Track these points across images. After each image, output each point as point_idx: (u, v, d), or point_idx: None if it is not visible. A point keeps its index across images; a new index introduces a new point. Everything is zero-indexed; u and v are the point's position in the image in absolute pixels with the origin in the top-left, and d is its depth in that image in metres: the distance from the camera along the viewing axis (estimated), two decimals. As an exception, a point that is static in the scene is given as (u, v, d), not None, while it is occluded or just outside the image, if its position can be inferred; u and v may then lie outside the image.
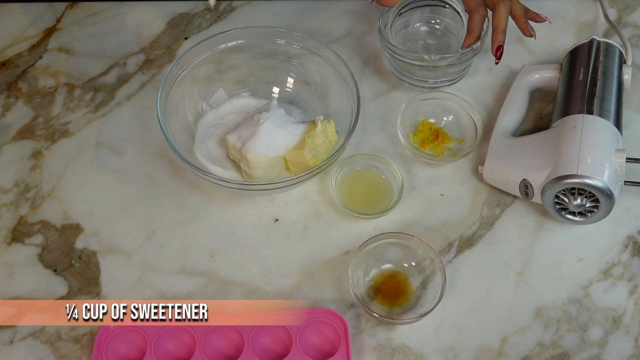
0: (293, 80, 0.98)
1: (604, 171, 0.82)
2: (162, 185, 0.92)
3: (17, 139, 0.96)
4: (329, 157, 0.86)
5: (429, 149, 0.93)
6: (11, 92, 1.00)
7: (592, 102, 0.88)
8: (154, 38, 1.06)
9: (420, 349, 0.81)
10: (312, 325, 0.80)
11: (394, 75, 1.00)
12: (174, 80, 0.92)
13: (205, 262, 0.87)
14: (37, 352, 0.80)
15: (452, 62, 0.94)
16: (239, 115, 0.95)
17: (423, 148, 0.93)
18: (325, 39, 1.03)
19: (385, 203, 0.90)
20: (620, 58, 0.95)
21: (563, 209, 0.86)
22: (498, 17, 0.91)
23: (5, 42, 1.06)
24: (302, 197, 0.92)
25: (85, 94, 1.00)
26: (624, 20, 1.08)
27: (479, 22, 0.93)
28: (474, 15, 0.93)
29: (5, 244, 0.88)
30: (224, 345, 0.80)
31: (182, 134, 0.92)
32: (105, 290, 0.84)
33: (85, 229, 0.89)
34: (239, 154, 0.88)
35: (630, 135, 0.93)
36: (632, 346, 0.81)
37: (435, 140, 0.94)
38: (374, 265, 0.85)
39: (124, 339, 0.80)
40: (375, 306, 0.83)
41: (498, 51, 0.91)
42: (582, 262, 0.87)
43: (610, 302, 0.84)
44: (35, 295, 0.84)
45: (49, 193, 0.92)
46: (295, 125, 0.90)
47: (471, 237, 0.89)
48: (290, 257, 0.87)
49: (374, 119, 0.98)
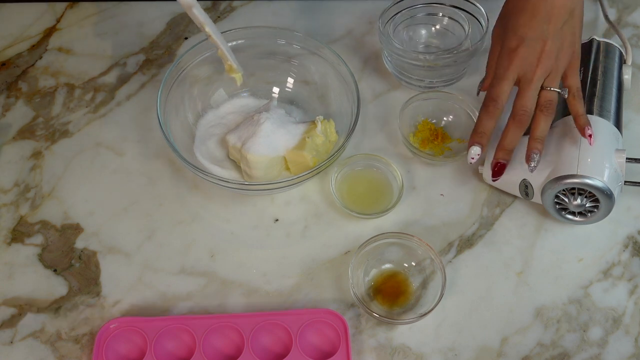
0: (293, 80, 0.98)
1: (604, 171, 0.82)
2: (162, 185, 0.92)
3: (17, 139, 0.96)
4: (329, 157, 0.86)
5: (429, 149, 0.93)
6: (11, 92, 1.00)
7: (592, 102, 0.88)
8: (154, 38, 1.06)
9: (420, 349, 0.81)
10: (312, 325, 0.80)
11: (394, 75, 1.00)
12: (174, 80, 0.92)
13: (205, 262, 0.87)
14: (37, 352, 0.80)
15: (448, 62, 0.94)
16: (239, 115, 0.95)
17: (423, 148, 0.93)
18: (325, 39, 1.03)
19: (385, 203, 0.90)
20: (620, 58, 0.95)
21: (563, 209, 0.86)
22: (534, 126, 0.81)
23: (5, 42, 1.06)
24: (302, 197, 0.92)
25: (85, 94, 1.00)
26: (624, 20, 1.08)
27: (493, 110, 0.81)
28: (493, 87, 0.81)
29: (5, 244, 0.88)
30: (224, 345, 0.80)
31: (182, 134, 0.92)
32: (105, 290, 0.84)
33: (85, 229, 0.89)
34: (239, 154, 0.88)
35: (630, 135, 0.93)
36: (632, 346, 0.81)
37: (435, 140, 0.94)
38: (374, 265, 0.85)
39: (124, 339, 0.80)
40: (375, 306, 0.83)
41: (496, 167, 0.83)
42: (582, 262, 0.87)
43: (610, 302, 0.84)
44: (35, 295, 0.84)
45: (49, 193, 0.92)
46: (295, 125, 0.90)
47: (471, 237, 0.89)
48: (290, 257, 0.87)
49: (374, 119, 0.98)
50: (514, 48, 0.81)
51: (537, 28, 0.80)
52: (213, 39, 0.84)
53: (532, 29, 0.80)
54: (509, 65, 0.80)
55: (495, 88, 0.81)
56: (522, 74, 0.81)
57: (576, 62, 0.83)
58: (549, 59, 0.80)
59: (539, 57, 0.80)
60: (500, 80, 0.81)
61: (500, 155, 0.83)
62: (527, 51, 0.80)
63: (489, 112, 0.82)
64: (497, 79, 0.81)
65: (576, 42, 0.82)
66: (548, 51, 0.80)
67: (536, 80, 0.80)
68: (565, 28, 0.81)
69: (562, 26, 0.80)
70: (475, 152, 0.83)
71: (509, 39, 0.81)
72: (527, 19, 0.80)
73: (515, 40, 0.81)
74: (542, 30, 0.80)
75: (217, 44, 0.85)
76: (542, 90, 0.82)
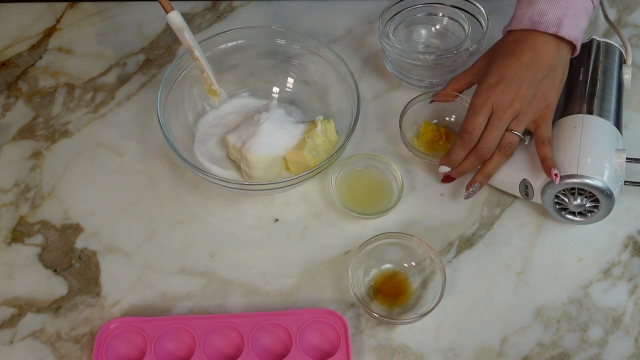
0: (293, 80, 0.98)
1: (604, 171, 0.82)
2: (162, 185, 0.92)
3: (17, 139, 0.96)
4: (329, 157, 0.86)
5: (434, 152, 0.93)
6: (11, 92, 1.00)
7: (592, 102, 0.88)
8: (154, 38, 1.06)
9: (420, 349, 0.81)
10: (312, 325, 0.80)
11: (394, 75, 1.00)
12: (174, 80, 0.92)
13: (205, 262, 0.87)
14: (37, 352, 0.80)
15: (448, 62, 0.94)
16: (239, 115, 0.95)
17: (429, 152, 0.93)
18: (325, 39, 1.03)
19: (385, 203, 0.90)
20: (620, 58, 0.95)
21: (563, 209, 0.86)
22: (489, 164, 0.87)
23: (5, 42, 1.06)
24: (302, 197, 0.92)
25: (85, 94, 1.00)
26: (624, 20, 1.08)
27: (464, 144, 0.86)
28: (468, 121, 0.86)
29: (5, 244, 0.88)
30: (224, 345, 0.80)
31: (182, 134, 0.92)
32: (105, 290, 0.84)
33: (85, 229, 0.89)
34: (239, 154, 0.88)
35: (630, 135, 0.93)
36: (632, 346, 0.81)
37: (440, 141, 0.94)
38: (374, 265, 0.85)
39: (124, 339, 0.80)
40: (375, 306, 0.83)
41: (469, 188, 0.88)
42: (582, 262, 0.87)
43: (610, 302, 0.84)
44: (35, 295, 0.84)
45: (49, 193, 0.92)
46: (295, 125, 0.90)
47: (471, 237, 0.89)
48: (290, 257, 0.87)
49: (374, 119, 0.98)
50: (493, 84, 0.85)
51: (518, 72, 0.85)
52: (200, 62, 0.89)
53: (514, 72, 0.85)
54: (486, 100, 0.85)
55: (471, 121, 0.85)
56: (495, 110, 0.85)
57: (549, 115, 0.86)
58: (521, 103, 0.84)
59: (513, 99, 0.84)
60: (477, 114, 0.85)
61: (454, 173, 0.89)
62: (504, 90, 0.84)
63: (464, 142, 0.86)
64: (474, 112, 0.85)
65: (551, 97, 0.86)
66: (522, 96, 0.84)
67: (506, 119, 0.85)
68: (544, 81, 0.85)
69: (541, 78, 0.85)
70: (443, 170, 0.89)
71: (492, 75, 0.86)
72: (512, 62, 0.85)
73: (496, 77, 0.85)
74: (522, 76, 0.85)
75: (203, 67, 0.90)
76: (507, 132, 0.86)
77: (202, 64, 0.89)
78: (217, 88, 0.92)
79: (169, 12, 0.88)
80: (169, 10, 0.88)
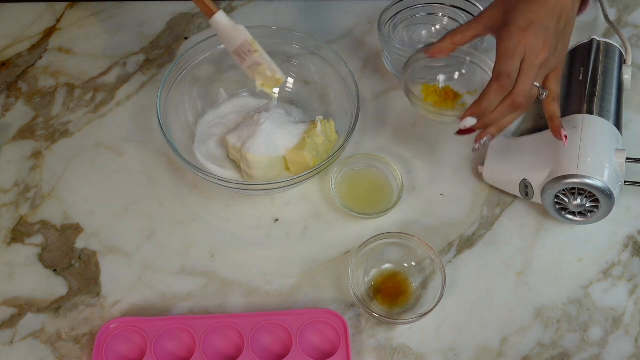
0: (293, 80, 0.98)
1: (604, 171, 0.82)
2: (162, 185, 0.92)
3: (17, 139, 0.96)
4: (329, 157, 0.86)
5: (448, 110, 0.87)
6: (11, 92, 1.00)
7: (592, 102, 0.88)
8: (154, 38, 1.06)
9: (420, 349, 0.81)
10: (312, 325, 0.80)
11: (394, 75, 1.00)
12: (174, 80, 0.92)
13: (205, 262, 0.87)
14: (37, 352, 0.80)
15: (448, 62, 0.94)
16: (239, 115, 0.95)
17: (443, 105, 0.88)
18: (325, 39, 1.03)
19: (385, 203, 0.90)
20: (620, 58, 0.95)
21: (563, 209, 0.86)
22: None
23: (5, 42, 1.06)
24: (302, 197, 0.92)
25: (85, 94, 1.00)
26: (624, 20, 1.08)
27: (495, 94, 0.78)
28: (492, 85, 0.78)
29: (5, 244, 0.88)
30: (224, 345, 0.80)
31: (182, 134, 0.92)
32: (105, 290, 0.84)
33: (85, 229, 0.89)
34: (239, 154, 0.88)
35: (630, 135, 0.93)
36: (632, 346, 0.81)
37: (447, 100, 0.90)
38: (374, 265, 0.85)
39: (124, 339, 0.80)
40: (375, 306, 0.83)
41: (480, 140, 0.81)
42: (582, 262, 0.87)
43: (610, 302, 0.84)
44: (35, 295, 0.84)
45: (49, 193, 0.92)
46: (295, 125, 0.90)
47: (471, 237, 0.89)
48: (290, 257, 0.87)
49: (374, 119, 0.98)
50: (523, 27, 0.78)
51: (544, 18, 0.79)
52: (261, 54, 0.84)
53: (541, 17, 0.79)
54: (519, 43, 0.78)
55: (508, 64, 0.78)
56: (528, 55, 0.78)
57: (561, 69, 0.82)
58: (549, 51, 0.79)
59: (543, 45, 0.78)
60: (512, 57, 0.77)
61: (480, 124, 0.80)
62: (536, 35, 0.78)
63: (502, 86, 0.78)
64: (508, 55, 0.78)
65: (565, 52, 0.82)
66: (549, 43, 0.79)
67: (537, 65, 0.78)
68: (564, 31, 0.81)
69: (562, 29, 0.80)
70: (469, 123, 0.79)
71: (520, 18, 0.79)
72: (538, 7, 0.79)
73: (526, 21, 0.78)
74: (548, 23, 0.79)
75: (263, 59, 0.84)
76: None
77: (263, 56, 0.84)
78: (281, 76, 0.85)
79: (216, 12, 0.81)
80: (215, 11, 0.81)
